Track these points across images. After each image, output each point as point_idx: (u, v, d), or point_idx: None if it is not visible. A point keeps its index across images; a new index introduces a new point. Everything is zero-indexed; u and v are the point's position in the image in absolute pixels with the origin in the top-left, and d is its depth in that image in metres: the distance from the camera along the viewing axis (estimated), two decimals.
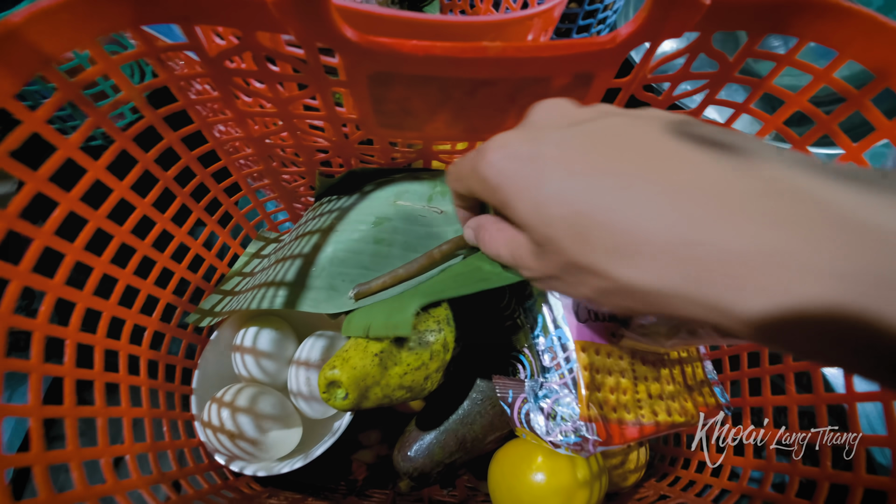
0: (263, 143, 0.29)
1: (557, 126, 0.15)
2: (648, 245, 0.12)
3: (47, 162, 0.20)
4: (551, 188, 0.14)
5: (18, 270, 0.20)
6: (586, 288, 0.14)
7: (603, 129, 0.14)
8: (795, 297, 0.10)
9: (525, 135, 0.15)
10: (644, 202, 0.12)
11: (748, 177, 0.11)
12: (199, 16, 0.20)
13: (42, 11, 0.18)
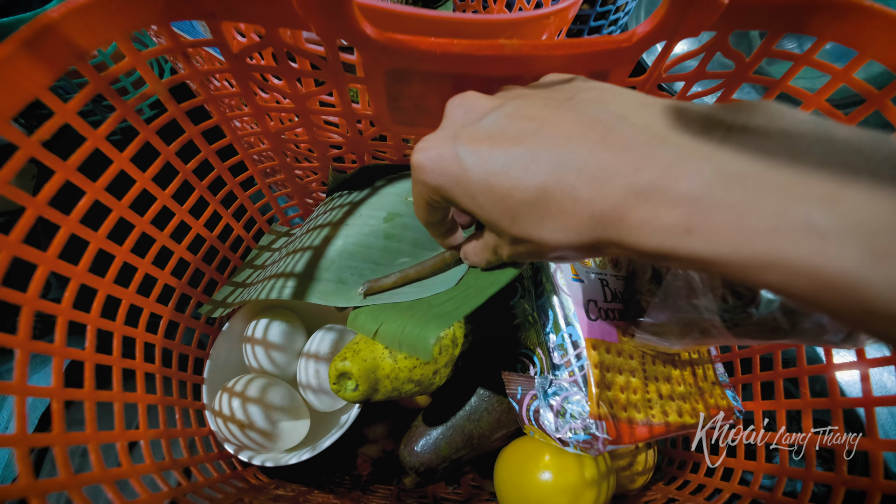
0: (279, 138, 0.30)
1: (468, 122, 0.17)
2: (560, 208, 0.14)
3: (77, 152, 0.21)
4: (475, 179, 0.16)
5: (46, 256, 0.20)
6: (539, 254, 0.17)
7: (510, 108, 0.16)
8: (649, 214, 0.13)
9: (444, 134, 0.17)
10: (546, 174, 0.14)
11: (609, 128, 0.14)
12: (225, 13, 0.20)
13: (78, 7, 0.18)
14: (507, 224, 0.16)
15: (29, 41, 0.18)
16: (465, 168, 0.16)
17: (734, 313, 0.23)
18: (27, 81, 0.18)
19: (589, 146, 0.14)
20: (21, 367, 0.19)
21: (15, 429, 0.18)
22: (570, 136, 0.14)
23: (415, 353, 0.21)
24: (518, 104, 0.17)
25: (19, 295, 0.19)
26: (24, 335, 0.19)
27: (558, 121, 0.15)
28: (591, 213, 0.14)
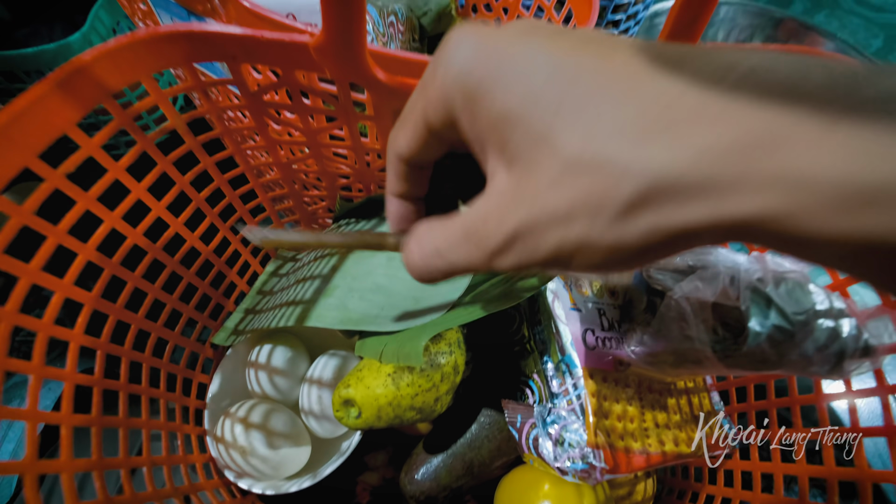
0: (290, 168, 0.31)
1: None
2: (680, 112, 0.10)
3: (98, 183, 0.22)
4: (546, 62, 0.11)
5: (63, 283, 0.21)
6: (592, 213, 0.10)
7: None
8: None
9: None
10: (663, 72, 0.10)
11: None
12: (246, 56, 0.22)
13: (109, 51, 0.20)
14: (580, 135, 0.10)
15: (62, 82, 0.19)
16: (531, 47, 0.11)
17: (724, 345, 0.23)
18: (58, 118, 0.19)
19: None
20: (34, 392, 0.19)
21: (25, 455, 0.18)
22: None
23: (407, 361, 0.22)
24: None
25: (35, 321, 0.20)
26: (38, 361, 0.20)
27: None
28: (733, 121, 0.09)
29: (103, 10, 0.45)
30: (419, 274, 0.15)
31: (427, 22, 0.41)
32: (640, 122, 0.09)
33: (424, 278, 0.15)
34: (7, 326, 0.18)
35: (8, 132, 0.18)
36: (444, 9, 0.40)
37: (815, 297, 0.25)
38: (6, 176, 0.18)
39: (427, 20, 0.41)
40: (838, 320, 0.24)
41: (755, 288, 0.25)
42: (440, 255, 0.14)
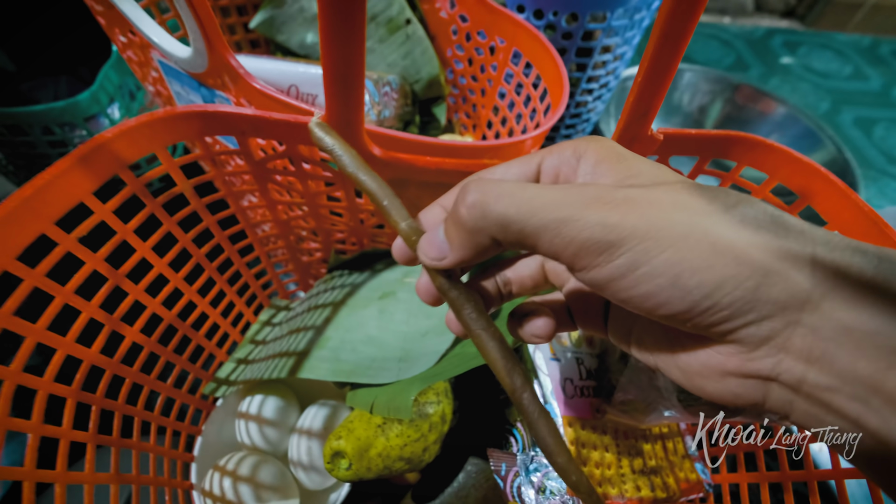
0: (288, 224, 0.33)
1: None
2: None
3: (106, 245, 0.23)
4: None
5: (65, 341, 0.22)
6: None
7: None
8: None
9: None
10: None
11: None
12: (254, 132, 0.24)
13: (129, 128, 0.22)
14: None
15: (84, 157, 0.21)
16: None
17: (687, 394, 0.25)
18: (77, 189, 0.21)
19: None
20: (32, 452, 0.20)
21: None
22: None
23: (397, 414, 0.23)
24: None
25: (36, 379, 0.21)
26: (37, 420, 0.20)
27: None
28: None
29: (112, 69, 0.47)
30: (471, 212, 0.13)
31: (419, 88, 0.45)
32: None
33: (474, 220, 0.13)
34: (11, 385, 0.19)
35: (30, 203, 0.19)
36: (433, 77, 0.44)
37: None
38: (24, 242, 0.19)
39: (419, 87, 0.45)
40: None
41: None
42: (511, 196, 0.13)
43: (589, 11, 0.40)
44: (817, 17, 1.15)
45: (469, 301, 0.15)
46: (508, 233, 0.13)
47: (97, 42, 0.48)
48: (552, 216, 0.12)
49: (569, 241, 0.12)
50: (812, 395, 0.11)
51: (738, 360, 0.12)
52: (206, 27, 0.23)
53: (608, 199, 0.12)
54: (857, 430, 0.11)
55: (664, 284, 0.11)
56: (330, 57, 0.18)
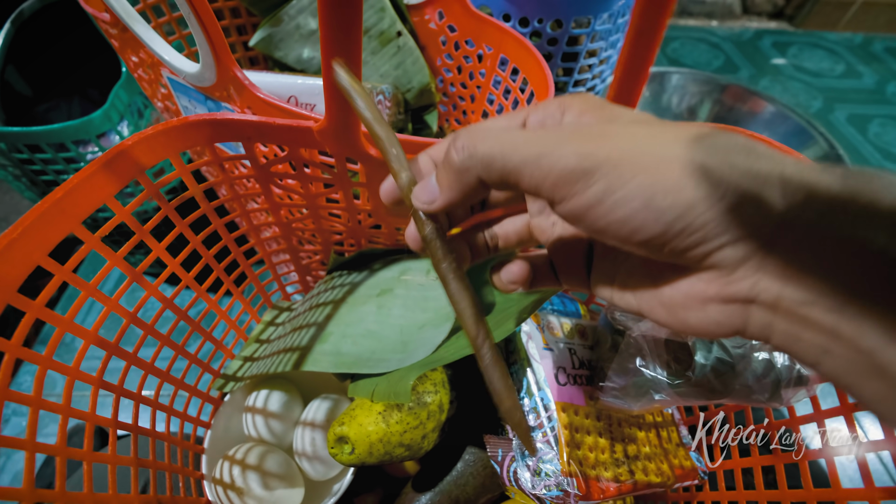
0: (290, 226, 0.35)
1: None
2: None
3: (126, 245, 0.25)
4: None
5: (89, 332, 0.24)
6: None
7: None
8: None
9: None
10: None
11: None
12: (259, 137, 0.26)
13: (147, 136, 0.24)
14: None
15: (107, 163, 0.23)
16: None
17: (676, 376, 0.27)
18: (101, 192, 0.23)
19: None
20: (62, 431, 0.21)
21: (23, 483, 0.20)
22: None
23: (397, 399, 0.25)
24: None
25: (65, 366, 0.23)
26: (65, 403, 0.22)
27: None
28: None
29: (122, 89, 0.50)
30: (460, 154, 0.14)
31: (411, 97, 0.47)
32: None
33: (462, 161, 0.14)
34: (42, 370, 0.21)
35: (61, 204, 0.21)
36: (425, 86, 0.46)
37: None
38: (56, 240, 0.21)
39: (410, 95, 0.47)
40: (772, 353, 0.27)
41: None
42: (495, 136, 0.14)
43: (573, 17, 0.42)
44: (806, 17, 1.17)
45: (448, 255, 0.16)
46: (493, 170, 0.14)
47: (106, 66, 0.52)
48: (532, 151, 0.13)
49: (547, 171, 0.13)
50: (790, 311, 0.12)
51: (717, 284, 0.13)
52: (215, 43, 0.25)
53: (585, 133, 0.13)
54: (834, 342, 0.11)
55: (638, 207, 0.12)
56: (329, 60, 0.20)
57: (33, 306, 0.21)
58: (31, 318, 0.21)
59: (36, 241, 0.20)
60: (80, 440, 0.23)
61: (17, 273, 0.20)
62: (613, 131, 0.13)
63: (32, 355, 0.21)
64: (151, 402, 0.28)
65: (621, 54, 0.21)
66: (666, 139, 0.12)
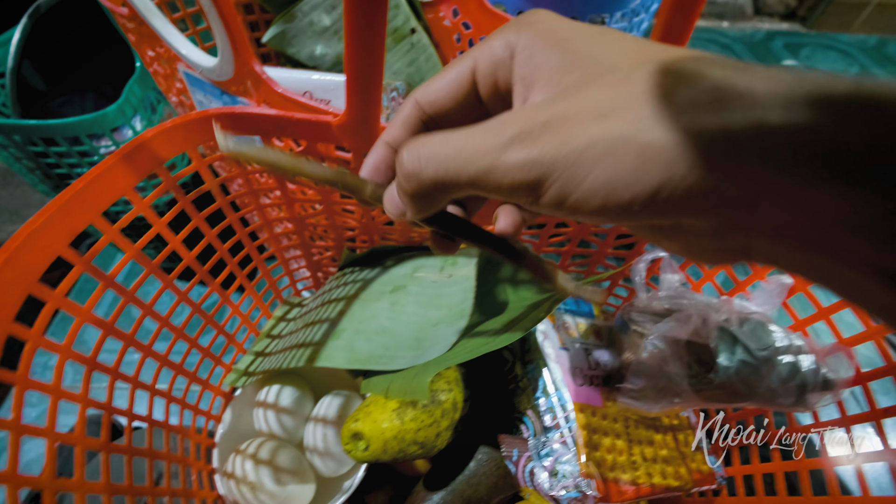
0: (303, 222, 0.35)
1: None
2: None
3: (143, 237, 0.25)
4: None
5: (107, 323, 0.24)
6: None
7: None
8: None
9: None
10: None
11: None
12: (277, 131, 0.26)
13: (166, 129, 0.24)
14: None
15: (127, 154, 0.23)
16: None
17: (698, 378, 0.26)
18: (121, 184, 0.23)
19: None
20: (81, 420, 0.21)
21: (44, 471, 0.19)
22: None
23: (414, 396, 0.24)
24: None
25: (83, 356, 0.23)
26: (84, 393, 0.22)
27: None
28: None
29: (136, 84, 0.50)
30: (409, 182, 0.13)
31: None
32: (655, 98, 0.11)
33: (413, 189, 0.13)
34: (63, 359, 0.21)
35: (82, 195, 0.21)
36: None
37: (776, 335, 0.28)
38: (77, 230, 0.21)
39: None
40: (798, 356, 0.27)
41: (722, 327, 0.28)
42: (438, 158, 0.13)
43: (588, 15, 0.42)
44: (819, 19, 1.16)
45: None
46: (446, 191, 0.13)
47: (119, 61, 0.52)
48: (477, 167, 0.12)
49: (497, 187, 0.12)
50: (788, 254, 0.11)
51: (710, 241, 0.12)
52: (235, 37, 0.25)
53: (528, 133, 0.11)
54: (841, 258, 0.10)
55: (601, 201, 0.11)
56: (353, 57, 0.19)
57: (54, 296, 0.21)
58: (52, 308, 0.21)
59: (57, 230, 0.20)
60: (93, 431, 0.23)
61: (40, 262, 0.20)
62: (560, 116, 0.11)
63: (52, 345, 0.21)
64: (165, 394, 0.28)
65: None
66: (618, 113, 0.11)
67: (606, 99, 0.11)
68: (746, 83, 0.10)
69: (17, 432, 0.18)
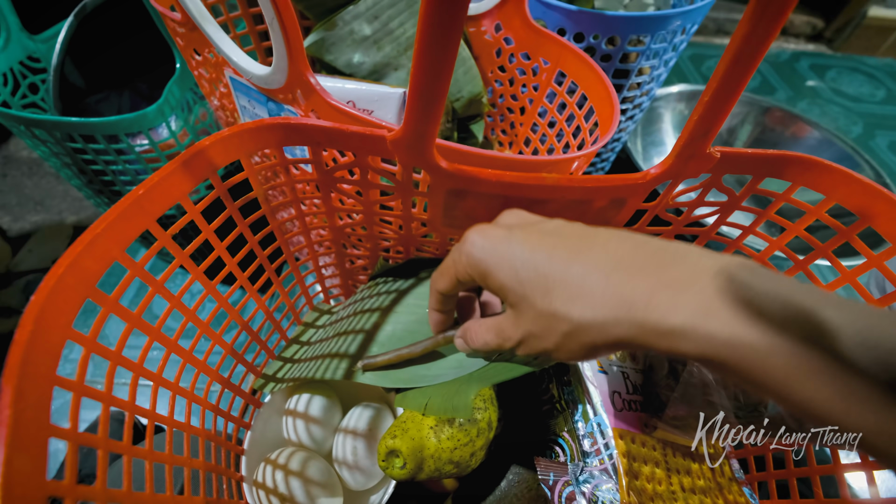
0: (342, 231, 0.35)
1: (520, 225, 0.22)
2: (593, 289, 0.18)
3: (193, 243, 0.25)
4: (522, 258, 0.20)
5: (154, 328, 0.24)
6: (554, 335, 0.19)
7: (553, 225, 0.21)
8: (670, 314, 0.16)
9: (497, 227, 0.22)
10: (583, 267, 0.18)
11: (634, 251, 0.18)
12: (329, 143, 0.26)
13: (222, 138, 0.24)
14: (540, 296, 0.19)
15: (186, 161, 0.23)
16: (514, 251, 0.20)
17: (746, 411, 0.25)
18: (176, 190, 0.23)
19: (626, 250, 0.18)
20: (128, 428, 0.21)
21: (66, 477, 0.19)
22: (609, 242, 0.19)
23: (457, 414, 0.24)
24: (561, 222, 0.22)
25: (131, 362, 0.23)
26: (131, 400, 0.22)
27: (598, 234, 0.20)
28: (621, 294, 0.17)
29: (175, 85, 0.51)
30: (467, 350, 0.25)
31: (459, 106, 0.47)
32: (571, 290, 0.18)
33: (477, 350, 0.24)
34: (113, 365, 0.21)
35: (141, 202, 0.21)
36: (475, 96, 0.46)
37: None
38: (133, 236, 0.21)
39: (459, 105, 0.47)
40: None
41: None
42: (483, 340, 0.23)
43: (629, 35, 0.42)
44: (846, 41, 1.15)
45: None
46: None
47: (156, 60, 0.53)
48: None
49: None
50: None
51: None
52: (292, 46, 0.25)
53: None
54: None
55: None
56: (421, 70, 0.19)
57: (108, 301, 0.21)
58: (105, 314, 0.21)
59: (116, 236, 0.20)
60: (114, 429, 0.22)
61: (98, 268, 0.20)
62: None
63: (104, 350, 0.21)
64: (201, 400, 0.28)
65: (713, 78, 0.20)
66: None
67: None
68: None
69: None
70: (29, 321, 0.16)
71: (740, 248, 0.32)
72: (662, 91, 0.72)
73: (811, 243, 0.29)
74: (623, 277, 0.17)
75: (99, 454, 0.20)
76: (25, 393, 0.15)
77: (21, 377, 0.15)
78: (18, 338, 0.16)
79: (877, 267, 0.26)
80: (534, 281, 0.19)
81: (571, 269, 0.18)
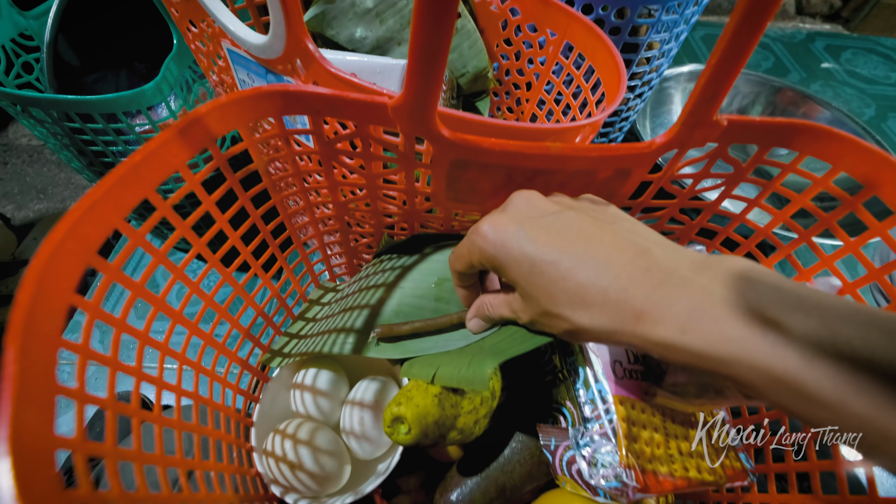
0: (346, 206, 0.35)
1: (530, 217, 0.22)
2: (593, 301, 0.19)
3: (193, 214, 0.25)
4: (531, 260, 0.21)
5: (157, 298, 0.24)
6: (558, 329, 0.22)
7: (561, 223, 0.22)
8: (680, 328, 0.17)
9: (510, 218, 0.23)
10: (585, 278, 0.20)
11: (640, 259, 0.20)
12: (329, 111, 0.26)
13: (220, 105, 0.24)
14: (546, 300, 0.21)
15: (182, 129, 0.23)
16: (524, 251, 0.21)
17: None
18: (175, 159, 0.23)
19: (623, 263, 0.19)
20: (136, 393, 0.21)
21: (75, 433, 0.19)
22: (610, 251, 0.20)
23: (471, 386, 0.24)
24: (572, 215, 0.22)
25: (136, 330, 0.23)
26: (138, 365, 0.22)
27: (603, 238, 0.21)
28: (616, 308, 0.19)
29: (173, 61, 0.50)
30: (478, 328, 0.28)
31: (464, 82, 0.46)
32: (573, 298, 0.20)
33: (478, 328, 0.28)
34: (117, 334, 0.21)
35: (138, 169, 0.21)
36: (480, 71, 0.45)
37: None
38: (133, 204, 0.21)
39: (464, 80, 0.46)
40: None
41: None
42: (499, 313, 0.26)
43: (639, 6, 0.41)
44: (863, 21, 1.12)
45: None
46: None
47: (153, 39, 0.52)
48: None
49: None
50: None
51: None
52: (290, 12, 0.25)
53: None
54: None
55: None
56: (421, 31, 0.19)
57: (110, 269, 0.21)
58: (109, 281, 0.21)
59: (115, 203, 0.20)
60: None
61: (98, 234, 0.20)
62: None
63: (108, 317, 0.21)
64: (209, 372, 0.29)
65: (720, 40, 0.20)
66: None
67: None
68: None
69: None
70: (30, 283, 0.16)
71: (745, 222, 0.32)
72: (673, 71, 0.71)
73: (816, 214, 0.29)
74: (620, 290, 0.19)
75: (107, 415, 0.21)
76: (30, 351, 0.15)
77: (25, 336, 0.15)
78: (20, 299, 0.16)
79: (880, 235, 0.26)
80: (541, 285, 0.21)
81: (575, 278, 0.20)
